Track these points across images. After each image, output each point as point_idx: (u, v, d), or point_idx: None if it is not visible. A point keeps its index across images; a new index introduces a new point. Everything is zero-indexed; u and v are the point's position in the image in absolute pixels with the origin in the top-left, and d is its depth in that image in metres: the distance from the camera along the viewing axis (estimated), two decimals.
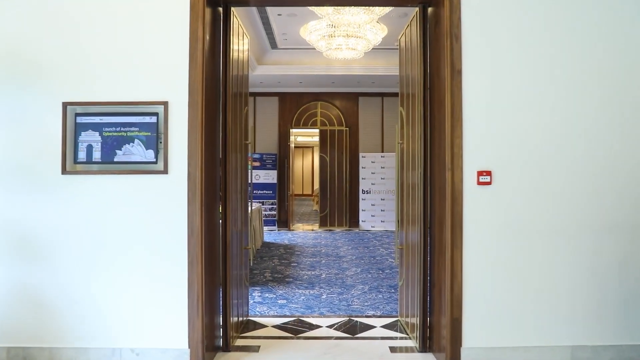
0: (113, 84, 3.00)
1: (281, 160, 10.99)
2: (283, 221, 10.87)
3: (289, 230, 10.57)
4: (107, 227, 2.98)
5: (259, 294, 4.96)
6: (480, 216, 2.97)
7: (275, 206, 10.73)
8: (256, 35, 8.18)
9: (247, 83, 4.04)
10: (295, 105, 11.10)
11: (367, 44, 7.48)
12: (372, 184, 10.64)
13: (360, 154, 10.79)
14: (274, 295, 4.92)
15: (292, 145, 11.64)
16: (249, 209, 4.13)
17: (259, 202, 10.10)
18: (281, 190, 10.97)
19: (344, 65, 9.25)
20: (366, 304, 4.63)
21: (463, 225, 2.95)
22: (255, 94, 10.93)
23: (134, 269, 2.98)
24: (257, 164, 10.67)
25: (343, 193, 10.99)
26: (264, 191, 10.69)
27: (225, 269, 3.43)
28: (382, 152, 10.99)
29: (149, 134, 3.00)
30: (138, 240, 2.98)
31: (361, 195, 10.70)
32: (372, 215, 10.65)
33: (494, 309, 2.98)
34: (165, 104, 2.98)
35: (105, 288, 2.98)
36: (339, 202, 10.99)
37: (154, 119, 3.01)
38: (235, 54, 3.59)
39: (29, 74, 2.99)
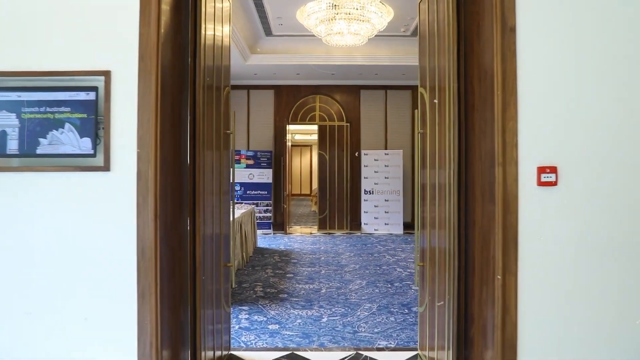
0: (37, 47, 2.18)
1: (277, 158, 10.15)
2: (279, 224, 10.04)
3: (286, 233, 9.74)
4: (27, 246, 2.16)
5: (247, 316, 4.14)
6: (542, 229, 2.14)
7: (270, 208, 9.89)
8: (248, 19, 7.36)
9: (229, 50, 3.20)
10: (292, 99, 10.27)
11: (372, 29, 6.69)
12: (375, 183, 9.83)
13: (362, 151, 9.97)
14: (265, 318, 4.09)
15: (289, 143, 10.80)
16: (232, 214, 3.31)
17: (253, 204, 9.29)
18: (277, 191, 10.14)
19: (344, 54, 8.46)
20: (376, 330, 3.80)
21: (518, 243, 2.14)
22: (249, 87, 10.11)
23: (65, 305, 2.16)
24: (250, 162, 9.84)
25: (343, 193, 10.17)
26: (258, 191, 9.85)
27: (194, 295, 2.63)
28: (386, 149, 10.17)
29: (85, 116, 2.18)
30: (69, 266, 2.16)
31: (363, 196, 9.88)
32: (375, 218, 9.83)
33: (559, 354, 2.17)
34: (107, 74, 2.17)
35: (22, 333, 2.16)
36: (339, 203, 10.17)
37: (91, 96, 2.19)
38: (210, 9, 2.75)
39: None
